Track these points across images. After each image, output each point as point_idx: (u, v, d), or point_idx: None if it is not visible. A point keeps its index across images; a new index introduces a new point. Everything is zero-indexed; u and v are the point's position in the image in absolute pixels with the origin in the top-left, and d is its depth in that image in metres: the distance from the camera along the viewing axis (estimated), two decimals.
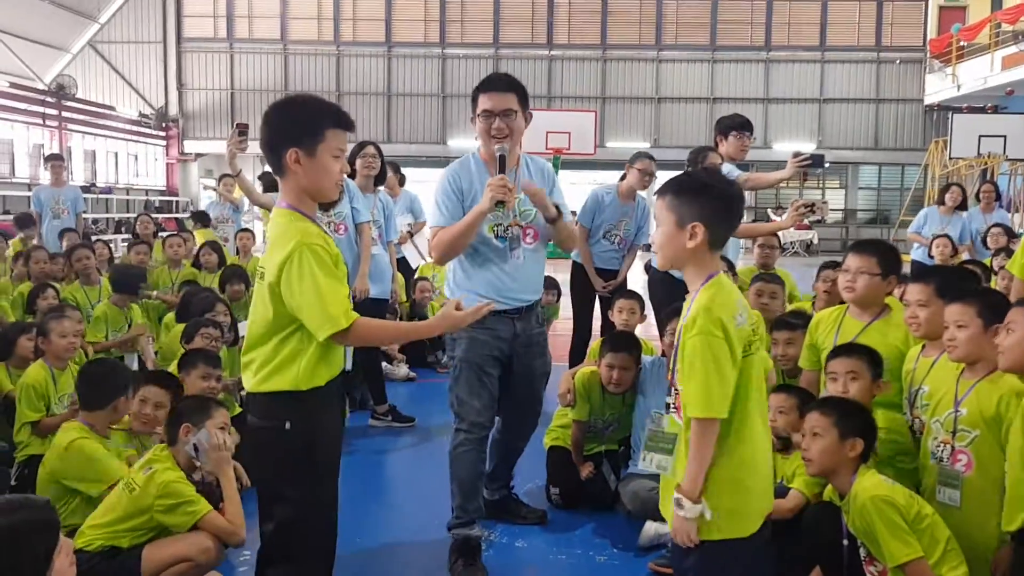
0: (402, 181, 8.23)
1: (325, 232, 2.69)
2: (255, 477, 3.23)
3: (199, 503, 3.25)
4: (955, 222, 8.83)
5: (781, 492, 3.53)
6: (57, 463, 3.61)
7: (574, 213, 5.42)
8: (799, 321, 4.22)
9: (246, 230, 9.29)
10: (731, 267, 5.08)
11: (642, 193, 6.35)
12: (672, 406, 2.50)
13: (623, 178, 6.31)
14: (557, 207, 3.60)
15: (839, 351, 3.51)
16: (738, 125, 5.75)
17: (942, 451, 3.17)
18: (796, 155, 5.49)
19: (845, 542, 3.03)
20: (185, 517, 3.22)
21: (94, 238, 9.80)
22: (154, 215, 9.06)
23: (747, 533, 2.43)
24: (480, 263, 3.64)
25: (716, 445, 2.37)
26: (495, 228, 3.61)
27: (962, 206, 8.94)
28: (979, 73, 21.20)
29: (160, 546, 3.14)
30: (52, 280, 6.50)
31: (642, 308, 5.24)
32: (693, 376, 2.35)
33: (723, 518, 2.38)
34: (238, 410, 4.81)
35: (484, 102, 3.58)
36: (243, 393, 4.82)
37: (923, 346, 3.48)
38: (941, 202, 8.98)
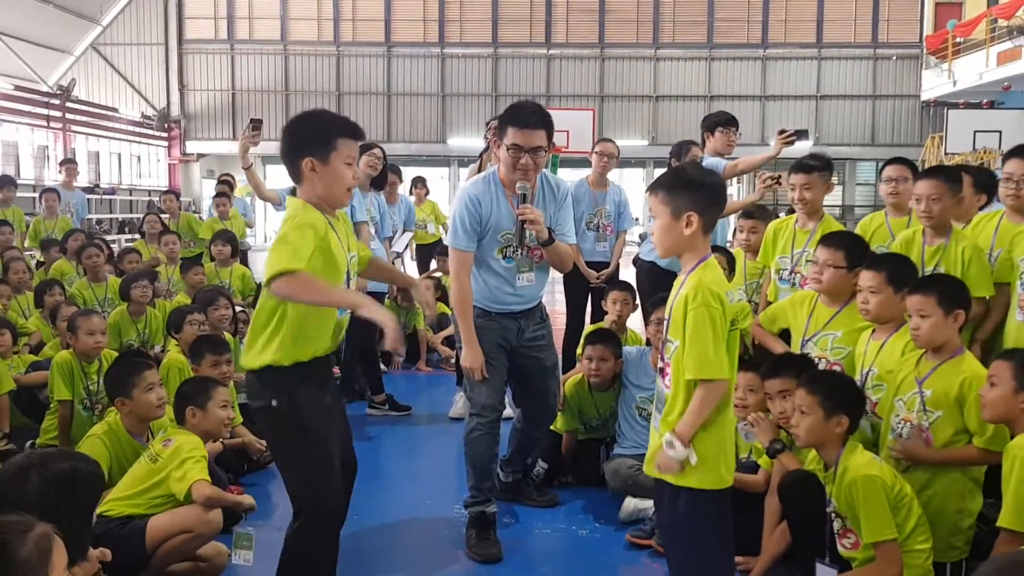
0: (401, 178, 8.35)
1: (330, 224, 2.91)
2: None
3: (200, 465, 3.39)
4: None
5: (751, 467, 3.72)
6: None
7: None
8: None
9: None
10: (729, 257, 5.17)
11: (612, 178, 6.53)
12: (662, 372, 2.76)
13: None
14: (550, 230, 3.75)
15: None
16: (723, 121, 5.97)
17: (902, 427, 3.35)
18: (781, 132, 5.71)
19: (828, 509, 3.17)
20: (181, 470, 3.33)
21: (96, 239, 9.94)
22: (161, 215, 9.22)
23: (724, 486, 2.69)
24: (488, 277, 3.84)
25: None
26: (503, 251, 3.80)
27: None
28: (975, 69, 21.22)
29: (164, 516, 3.29)
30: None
31: (634, 298, 5.43)
32: (696, 343, 2.57)
33: (706, 468, 2.62)
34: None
35: (514, 136, 3.59)
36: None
37: (873, 329, 3.67)
38: None
